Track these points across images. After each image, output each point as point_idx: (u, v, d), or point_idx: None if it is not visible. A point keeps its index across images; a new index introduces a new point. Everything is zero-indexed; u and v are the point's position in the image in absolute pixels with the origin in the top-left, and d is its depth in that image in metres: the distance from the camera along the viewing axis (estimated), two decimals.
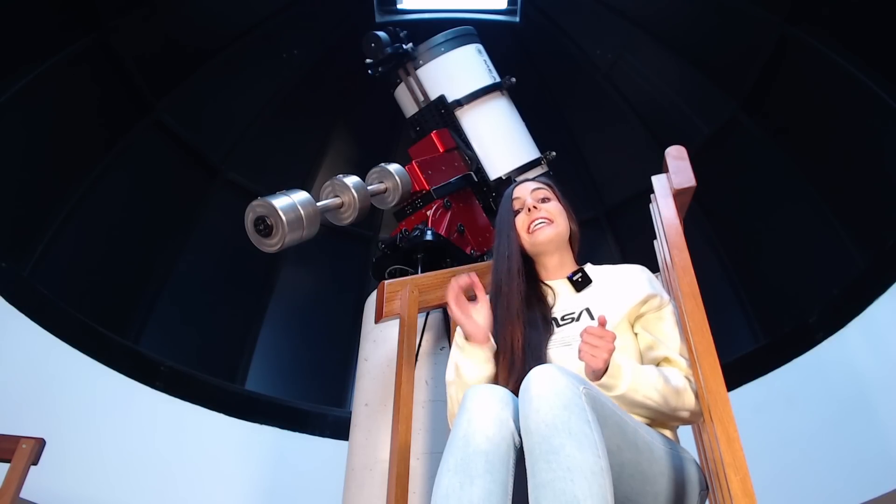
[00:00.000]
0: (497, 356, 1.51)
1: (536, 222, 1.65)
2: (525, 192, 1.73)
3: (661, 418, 1.39)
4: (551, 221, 1.65)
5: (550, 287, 1.64)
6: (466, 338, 1.51)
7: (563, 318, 1.55)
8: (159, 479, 3.19)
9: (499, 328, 1.54)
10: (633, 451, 1.23)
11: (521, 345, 1.48)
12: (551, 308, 1.59)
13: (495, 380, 1.49)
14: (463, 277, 1.54)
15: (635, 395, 1.33)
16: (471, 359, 1.49)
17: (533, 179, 1.83)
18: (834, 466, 2.91)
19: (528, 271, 1.65)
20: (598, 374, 1.32)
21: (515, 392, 1.21)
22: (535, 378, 1.17)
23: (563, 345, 1.49)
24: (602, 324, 1.32)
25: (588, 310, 1.55)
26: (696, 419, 1.41)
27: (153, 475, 3.19)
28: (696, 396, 1.37)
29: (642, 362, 1.50)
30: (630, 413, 1.34)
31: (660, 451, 1.29)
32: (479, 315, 1.51)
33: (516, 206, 1.71)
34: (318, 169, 4.29)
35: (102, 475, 3.04)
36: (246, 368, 3.82)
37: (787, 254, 3.59)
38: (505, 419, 1.18)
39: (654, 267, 1.77)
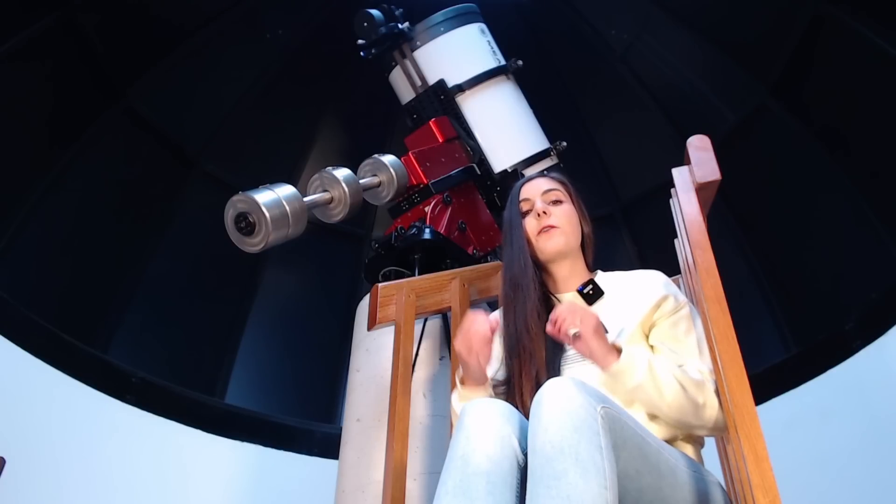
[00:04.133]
0: (513, 367, 1.52)
1: (544, 229, 1.66)
2: (535, 192, 1.73)
3: (685, 420, 1.39)
4: (560, 229, 1.66)
5: (560, 301, 1.64)
6: (462, 381, 1.52)
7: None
8: (131, 501, 3.19)
9: (516, 332, 1.55)
10: (654, 475, 1.23)
11: (544, 352, 1.50)
12: None
13: (510, 395, 1.50)
14: (485, 322, 1.49)
15: (655, 382, 1.34)
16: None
17: (545, 175, 1.83)
18: (872, 487, 2.91)
19: (538, 277, 1.66)
20: (602, 352, 1.34)
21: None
22: (549, 393, 1.17)
23: (576, 361, 1.51)
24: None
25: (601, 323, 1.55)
26: (720, 425, 1.40)
27: (124, 496, 3.19)
28: (718, 396, 1.37)
29: None
30: (650, 411, 1.38)
31: (683, 475, 1.30)
32: (483, 357, 1.47)
33: (524, 207, 1.72)
34: (306, 161, 4.29)
35: (68, 496, 3.04)
36: (226, 380, 3.82)
37: (820, 254, 3.59)
38: (507, 436, 1.18)
39: (674, 269, 1.77)
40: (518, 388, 1.48)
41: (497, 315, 1.65)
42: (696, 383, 1.38)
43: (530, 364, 1.49)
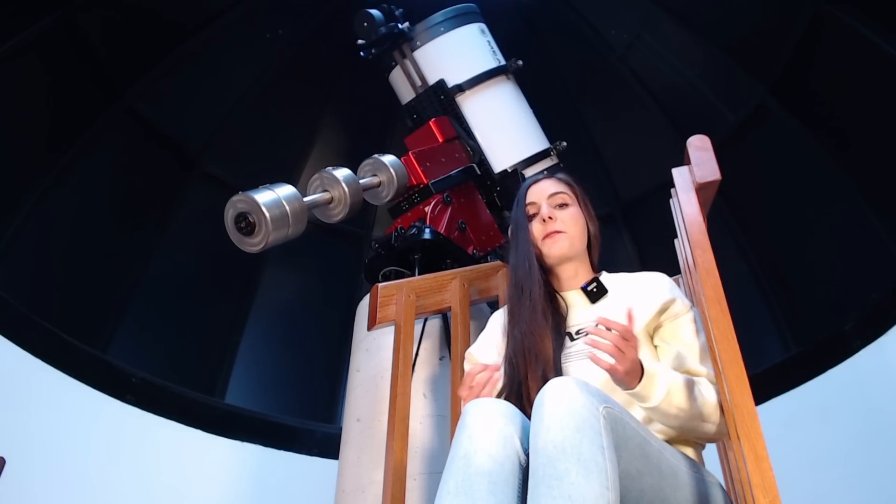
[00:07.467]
0: (518, 368, 1.53)
1: (549, 234, 1.67)
2: (541, 196, 1.73)
3: (688, 427, 1.40)
4: (566, 233, 1.67)
5: (564, 298, 1.66)
6: None
7: (577, 333, 1.57)
8: (131, 501, 3.19)
9: (523, 335, 1.55)
10: (655, 475, 1.24)
11: (551, 353, 1.50)
12: (565, 320, 1.61)
13: (514, 396, 1.50)
14: (484, 375, 1.46)
15: (668, 409, 1.34)
16: None
17: (551, 177, 1.82)
18: (872, 487, 2.91)
19: (544, 279, 1.67)
20: (628, 381, 1.32)
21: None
22: (551, 393, 1.17)
23: (578, 359, 1.51)
24: (630, 318, 1.34)
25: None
26: (721, 433, 1.42)
27: (123, 496, 3.18)
28: (722, 409, 1.38)
29: None
30: (659, 422, 1.38)
31: (684, 476, 1.30)
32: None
33: (531, 210, 1.73)
34: (306, 161, 4.29)
35: (68, 496, 3.04)
36: (226, 380, 3.82)
37: (821, 254, 3.59)
38: (509, 436, 1.18)
39: (674, 269, 1.77)
40: (525, 388, 1.48)
41: (493, 357, 1.64)
42: (708, 406, 1.38)
43: (536, 364, 1.50)
